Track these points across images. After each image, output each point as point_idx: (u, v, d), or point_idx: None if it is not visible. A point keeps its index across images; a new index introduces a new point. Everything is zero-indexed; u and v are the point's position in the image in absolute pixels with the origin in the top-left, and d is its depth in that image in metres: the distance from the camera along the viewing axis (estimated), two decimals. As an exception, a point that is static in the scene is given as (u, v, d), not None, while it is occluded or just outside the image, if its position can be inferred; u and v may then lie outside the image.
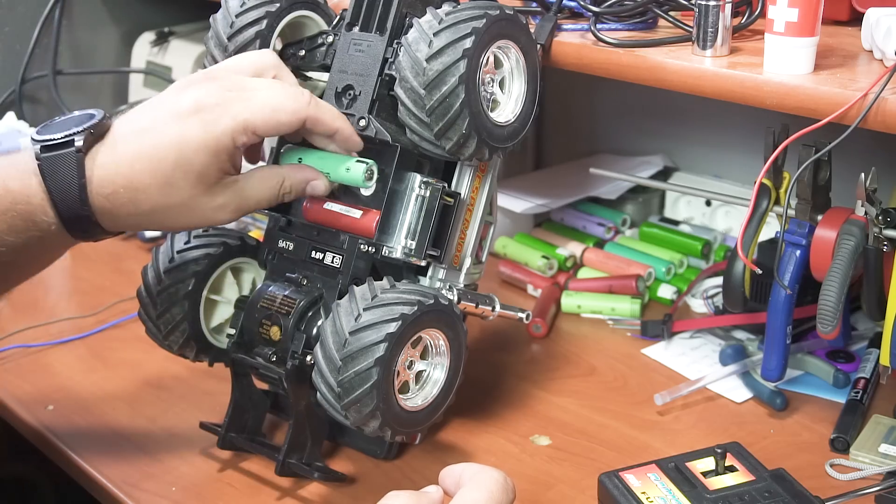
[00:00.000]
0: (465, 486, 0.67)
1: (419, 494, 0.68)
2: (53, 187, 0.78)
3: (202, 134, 0.78)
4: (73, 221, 0.79)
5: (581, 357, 1.12)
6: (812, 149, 0.90)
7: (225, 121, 0.79)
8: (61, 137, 0.78)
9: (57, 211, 0.78)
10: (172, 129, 0.79)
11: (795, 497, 0.82)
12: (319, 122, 0.83)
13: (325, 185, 0.86)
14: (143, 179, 0.79)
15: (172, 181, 0.79)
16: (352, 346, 0.78)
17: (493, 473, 0.68)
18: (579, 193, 1.38)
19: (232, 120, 0.79)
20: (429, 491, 0.69)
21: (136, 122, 0.81)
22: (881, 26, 0.82)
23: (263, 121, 0.80)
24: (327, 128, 0.84)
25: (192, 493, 0.90)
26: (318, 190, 0.86)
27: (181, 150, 0.78)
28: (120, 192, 0.79)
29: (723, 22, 0.87)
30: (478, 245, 0.96)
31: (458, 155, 0.87)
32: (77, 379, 1.08)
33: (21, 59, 1.50)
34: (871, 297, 0.92)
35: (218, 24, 0.92)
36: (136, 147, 0.79)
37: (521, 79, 0.90)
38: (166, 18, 1.61)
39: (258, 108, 0.80)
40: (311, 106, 0.82)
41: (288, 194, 0.85)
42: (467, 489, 0.67)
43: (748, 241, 0.97)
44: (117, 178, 0.79)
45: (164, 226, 0.84)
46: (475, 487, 0.67)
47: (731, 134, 1.33)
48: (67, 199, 0.78)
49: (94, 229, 0.80)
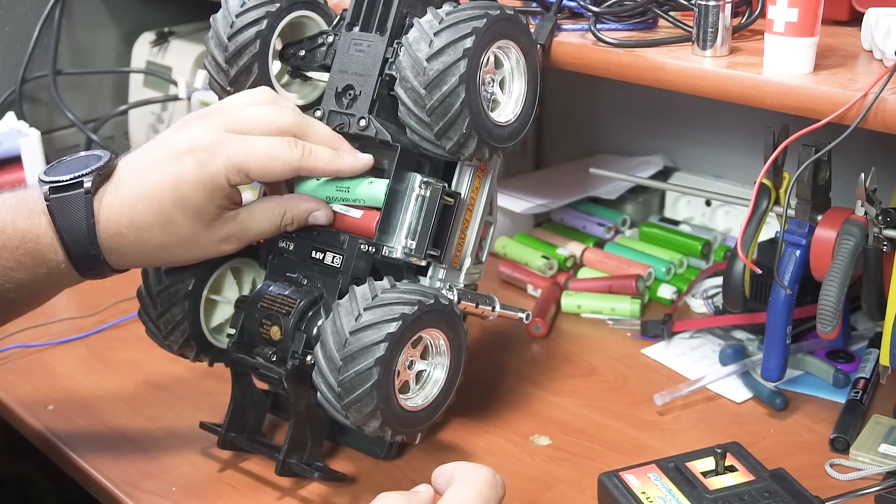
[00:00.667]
0: (455, 484, 0.68)
1: (410, 494, 0.69)
2: (63, 227, 0.81)
3: (198, 172, 0.81)
4: (82, 260, 0.82)
5: (581, 357, 1.12)
6: (812, 149, 0.90)
7: (219, 161, 0.81)
8: (69, 179, 0.81)
9: (66, 250, 0.81)
10: (170, 168, 0.81)
11: (795, 497, 0.82)
12: (315, 171, 0.85)
13: (326, 215, 0.88)
14: (146, 219, 0.81)
15: (173, 219, 0.82)
16: (352, 345, 0.78)
17: (481, 470, 0.69)
18: (579, 193, 1.38)
19: (227, 160, 0.81)
20: (419, 491, 0.69)
21: (137, 163, 0.83)
22: (881, 26, 0.82)
23: (258, 167, 0.82)
24: (324, 174, 0.86)
25: (192, 493, 0.90)
26: (320, 220, 0.88)
27: (178, 189, 0.81)
28: (124, 232, 0.82)
29: (723, 22, 0.87)
30: (478, 245, 0.96)
31: (459, 155, 0.87)
32: (77, 379, 1.08)
33: (21, 59, 1.49)
34: (871, 297, 0.92)
35: (218, 24, 0.92)
36: (137, 188, 0.82)
37: (521, 79, 0.90)
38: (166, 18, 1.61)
39: (253, 152, 0.82)
40: (303, 159, 0.84)
41: (290, 225, 0.87)
42: (456, 486, 0.68)
43: (748, 241, 0.98)
44: (121, 219, 0.81)
45: (170, 261, 0.87)
46: (464, 485, 0.67)
47: (731, 134, 1.33)
48: (76, 238, 0.81)
49: (102, 267, 0.83)
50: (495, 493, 0.68)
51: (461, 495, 0.67)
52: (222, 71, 0.92)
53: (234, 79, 0.92)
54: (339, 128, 0.89)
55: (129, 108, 1.55)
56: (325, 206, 0.88)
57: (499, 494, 0.68)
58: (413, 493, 0.69)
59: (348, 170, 0.86)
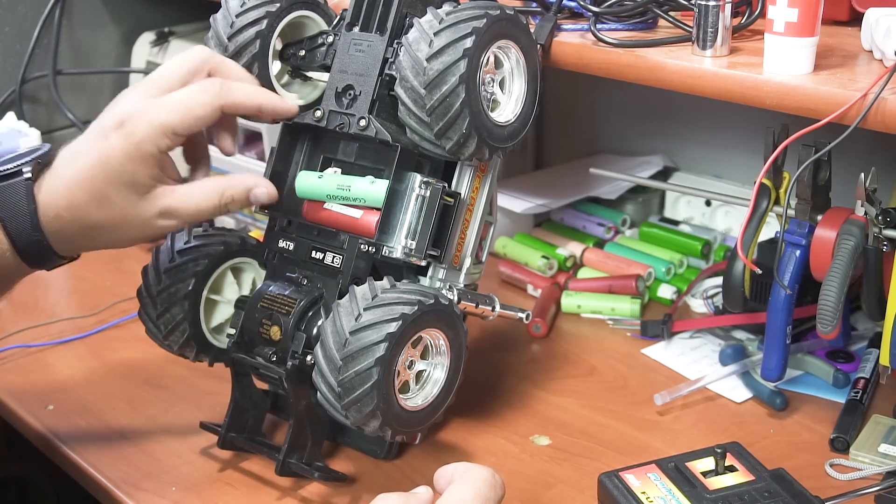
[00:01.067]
0: (453, 484, 0.68)
1: (408, 496, 0.69)
2: (4, 215, 0.82)
3: (124, 145, 0.82)
4: (27, 247, 0.83)
5: (581, 357, 1.12)
6: (812, 149, 0.90)
7: (142, 128, 0.82)
8: (11, 168, 0.83)
9: (9, 238, 0.82)
10: (98, 145, 0.83)
11: (795, 497, 0.82)
12: (237, 105, 0.85)
13: (267, 192, 0.87)
14: (80, 198, 0.82)
15: (107, 195, 0.82)
16: (352, 345, 0.78)
17: (480, 470, 0.69)
18: (579, 193, 1.38)
19: (149, 126, 0.82)
20: (418, 492, 0.69)
21: (72, 148, 0.85)
22: (881, 26, 0.82)
23: (180, 120, 0.82)
24: (247, 108, 0.86)
25: (192, 493, 0.90)
26: (262, 198, 0.87)
27: (108, 164, 0.82)
28: (63, 214, 0.82)
29: (723, 22, 0.87)
30: (478, 245, 0.96)
31: (459, 155, 0.87)
32: (77, 379, 1.08)
33: (21, 59, 1.49)
34: (871, 297, 0.92)
35: (218, 24, 0.92)
36: (71, 169, 0.83)
37: (521, 79, 0.90)
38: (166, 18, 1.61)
39: (171, 109, 0.82)
40: (222, 93, 0.84)
41: (231, 204, 0.87)
42: (454, 486, 0.68)
43: (748, 241, 0.97)
44: (59, 201, 0.82)
45: (113, 242, 0.87)
46: (462, 484, 0.68)
47: (731, 134, 1.33)
48: (19, 225, 0.82)
49: (48, 254, 0.84)
50: (494, 492, 0.68)
51: (459, 495, 0.67)
52: None
53: (234, 79, 0.92)
54: (339, 128, 0.89)
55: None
56: (268, 182, 0.88)
57: (498, 494, 0.68)
58: (412, 495, 0.69)
59: (274, 103, 0.87)
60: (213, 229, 0.95)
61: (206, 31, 0.94)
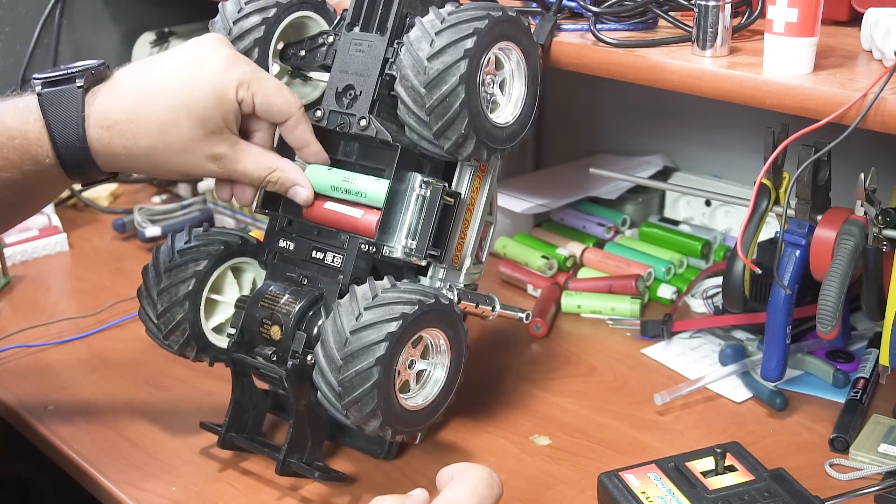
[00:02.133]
0: (450, 483, 0.68)
1: (405, 498, 0.69)
2: (52, 119, 0.81)
3: (212, 78, 0.82)
4: (70, 155, 0.82)
5: (581, 357, 1.12)
6: (812, 149, 0.90)
7: (235, 73, 0.83)
8: (63, 74, 0.82)
9: (54, 143, 0.81)
10: (184, 71, 0.83)
11: (795, 497, 0.82)
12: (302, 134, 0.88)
13: (306, 196, 0.89)
14: (144, 116, 0.82)
15: (174, 120, 0.82)
16: (353, 345, 0.78)
17: (477, 469, 0.69)
18: (579, 193, 1.38)
19: (242, 73, 0.83)
20: (414, 494, 0.70)
21: (138, 68, 0.86)
22: (880, 26, 0.82)
23: (264, 96, 0.84)
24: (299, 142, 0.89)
25: (192, 493, 0.90)
26: (299, 196, 0.89)
27: (189, 91, 0.82)
28: (120, 125, 0.82)
29: (722, 22, 0.87)
30: (478, 245, 0.96)
31: (457, 155, 0.87)
32: (77, 379, 1.08)
33: (21, 59, 1.50)
34: (871, 297, 0.92)
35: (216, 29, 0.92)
36: (139, 88, 0.83)
37: (521, 81, 0.90)
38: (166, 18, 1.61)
39: (266, 79, 0.85)
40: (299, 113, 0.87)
41: (273, 184, 0.88)
42: (452, 485, 0.68)
43: (748, 241, 0.98)
44: (120, 114, 0.82)
45: (158, 167, 0.85)
46: (459, 484, 0.68)
47: (731, 134, 1.33)
48: (65, 131, 0.81)
49: (90, 167, 0.83)
50: (491, 491, 0.68)
51: (456, 493, 0.67)
52: None
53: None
54: (339, 128, 0.89)
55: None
56: (311, 189, 0.89)
57: (495, 493, 0.68)
58: (408, 497, 0.69)
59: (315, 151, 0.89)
60: (214, 229, 0.95)
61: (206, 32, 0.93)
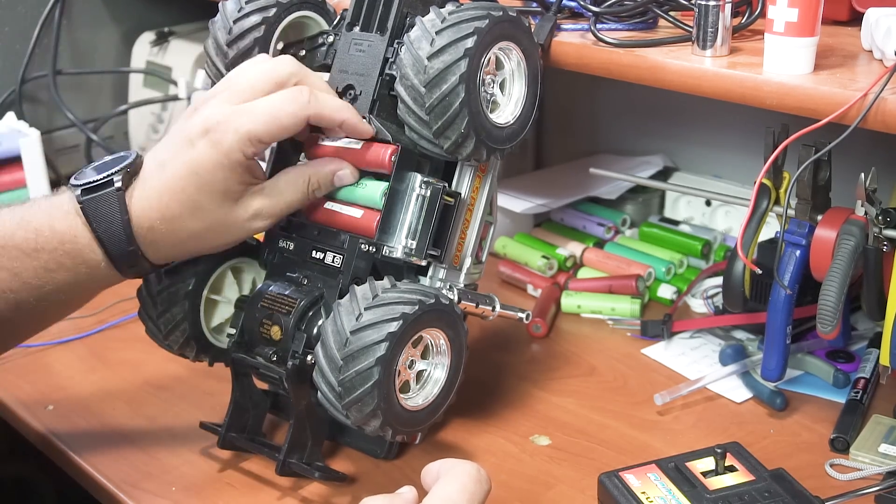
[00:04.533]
0: (439, 481, 0.68)
1: (393, 496, 0.69)
2: (98, 227, 0.81)
3: (212, 154, 0.81)
4: (121, 257, 0.83)
5: (581, 357, 1.12)
6: (812, 149, 0.90)
7: (230, 137, 0.81)
8: (100, 179, 0.82)
9: (104, 249, 0.82)
10: (187, 155, 0.82)
11: (795, 497, 0.82)
12: (322, 118, 0.84)
13: (352, 173, 0.88)
14: (174, 209, 0.82)
15: (200, 205, 0.82)
16: (353, 345, 0.78)
17: (465, 466, 0.69)
18: (579, 193, 1.38)
19: (236, 133, 0.81)
20: (402, 492, 0.69)
21: (157, 156, 0.84)
22: (881, 26, 0.82)
23: (266, 129, 0.81)
24: (331, 121, 0.85)
25: (192, 493, 0.90)
26: (346, 179, 0.88)
27: (197, 174, 0.81)
28: (157, 226, 0.82)
29: (723, 22, 0.87)
30: (478, 245, 0.96)
31: (456, 154, 0.87)
32: (77, 379, 1.08)
33: (21, 59, 1.49)
34: (871, 297, 0.92)
35: (217, 29, 0.92)
36: (161, 180, 0.82)
37: (521, 81, 0.90)
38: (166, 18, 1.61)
39: (258, 117, 0.81)
40: (310, 105, 0.83)
41: (318, 190, 0.87)
42: (440, 483, 0.68)
43: (748, 241, 0.98)
44: (152, 213, 0.82)
45: (207, 247, 0.87)
46: (447, 481, 0.68)
47: (731, 134, 1.33)
48: (113, 237, 0.82)
49: (142, 263, 0.84)
50: (479, 487, 0.68)
51: (445, 491, 0.67)
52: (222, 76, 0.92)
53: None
54: (339, 128, 0.89)
55: (128, 108, 1.55)
56: (349, 164, 0.87)
57: (483, 489, 0.68)
58: (396, 495, 0.69)
59: (356, 121, 0.86)
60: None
61: (206, 31, 0.94)
